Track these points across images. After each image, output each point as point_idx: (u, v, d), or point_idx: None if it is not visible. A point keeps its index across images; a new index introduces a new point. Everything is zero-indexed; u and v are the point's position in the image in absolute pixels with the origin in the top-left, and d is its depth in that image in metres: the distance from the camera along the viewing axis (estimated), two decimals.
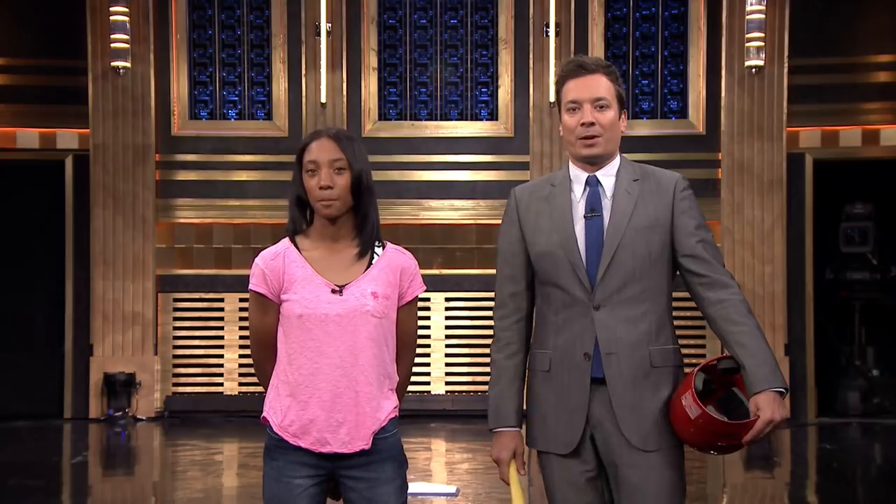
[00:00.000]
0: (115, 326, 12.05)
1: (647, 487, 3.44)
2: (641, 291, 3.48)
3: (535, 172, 12.05)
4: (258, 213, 12.24)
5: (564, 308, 3.52)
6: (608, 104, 3.53)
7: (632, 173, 3.58)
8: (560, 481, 3.57)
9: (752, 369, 3.36)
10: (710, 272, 3.49)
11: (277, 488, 3.54)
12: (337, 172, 3.47)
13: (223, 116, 12.47)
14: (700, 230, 3.53)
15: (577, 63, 3.61)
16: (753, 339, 3.40)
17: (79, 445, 11.14)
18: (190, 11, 12.39)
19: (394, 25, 12.47)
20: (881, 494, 9.00)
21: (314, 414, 3.47)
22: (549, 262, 3.54)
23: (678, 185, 3.56)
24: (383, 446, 3.53)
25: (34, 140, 12.15)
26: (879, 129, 12.03)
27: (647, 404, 3.46)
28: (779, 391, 3.35)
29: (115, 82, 11.98)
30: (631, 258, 3.47)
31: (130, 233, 12.04)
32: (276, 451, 3.56)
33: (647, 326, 3.48)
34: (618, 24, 12.37)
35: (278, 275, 3.53)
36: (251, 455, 10.60)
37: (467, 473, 9.19)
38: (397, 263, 3.59)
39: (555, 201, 3.58)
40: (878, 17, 12.11)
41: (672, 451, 3.48)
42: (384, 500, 3.53)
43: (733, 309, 3.44)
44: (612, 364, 3.45)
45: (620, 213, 3.51)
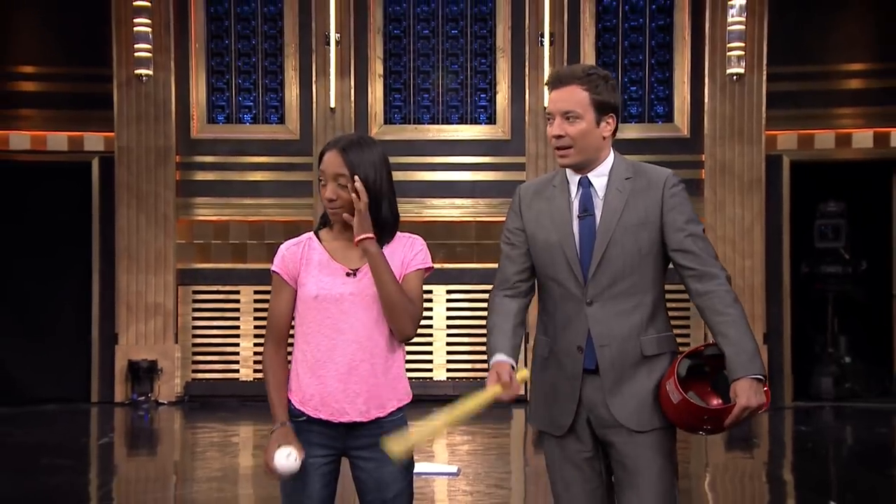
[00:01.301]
0: (139, 317, 12.07)
1: (642, 466, 3.43)
2: (632, 286, 3.45)
3: (530, 173, 12.06)
4: (271, 211, 12.26)
5: (561, 301, 3.50)
6: (578, 115, 3.46)
7: (624, 171, 3.53)
8: (559, 460, 3.57)
9: (732, 357, 3.34)
10: (699, 265, 3.44)
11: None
12: (340, 187, 3.48)
13: (239, 120, 12.47)
14: (689, 224, 3.47)
15: (554, 75, 3.58)
16: (734, 329, 3.37)
17: (105, 427, 11.16)
18: (208, 22, 12.40)
19: (398, 35, 12.48)
20: (852, 472, 9.02)
21: (332, 386, 3.46)
22: (547, 258, 3.52)
23: (668, 182, 3.50)
24: (391, 428, 3.51)
25: (63, 143, 12.16)
26: (851, 132, 12.05)
27: (638, 389, 3.44)
28: (757, 378, 3.32)
29: (138, 89, 12.00)
30: (621, 255, 3.44)
31: (153, 229, 12.06)
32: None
33: (638, 319, 3.45)
34: (608, 35, 12.37)
35: (296, 260, 3.55)
36: (266, 437, 10.59)
37: (467, 454, 9.19)
38: (405, 243, 3.61)
39: (554, 201, 3.55)
40: (850, 28, 12.13)
41: (664, 432, 3.46)
42: (392, 478, 3.52)
43: (718, 299, 3.41)
44: (605, 356, 3.43)
45: (611, 212, 3.47)
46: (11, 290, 12.12)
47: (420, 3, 12.47)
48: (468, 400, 3.40)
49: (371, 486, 3.53)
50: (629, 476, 3.45)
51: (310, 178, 12.10)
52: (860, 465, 9.34)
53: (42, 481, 8.15)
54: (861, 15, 12.11)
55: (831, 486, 8.59)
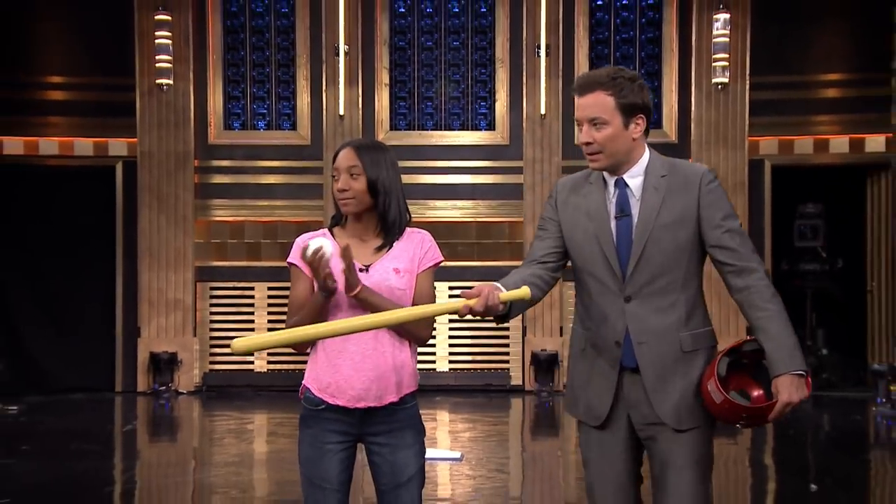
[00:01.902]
0: (160, 311, 12.10)
1: (679, 462, 3.33)
2: (670, 282, 3.34)
3: (527, 177, 12.10)
4: (284, 212, 12.28)
5: (598, 296, 3.39)
6: (605, 121, 3.32)
7: (660, 169, 3.39)
8: (594, 451, 3.48)
9: (772, 353, 3.24)
10: (737, 260, 3.31)
11: (312, 452, 3.54)
12: (353, 178, 3.50)
13: (253, 127, 12.49)
14: (727, 220, 3.34)
15: (579, 82, 3.42)
16: (774, 324, 3.26)
17: (128, 415, 11.17)
18: (225, 35, 12.43)
19: (403, 47, 12.50)
20: (830, 457, 9.04)
21: (348, 374, 3.46)
22: (585, 253, 3.40)
23: (704, 179, 3.36)
24: (404, 416, 3.54)
25: (89, 148, 12.18)
26: (829, 138, 12.08)
27: (678, 387, 3.33)
28: (797, 373, 3.22)
29: (159, 97, 12.03)
30: (659, 253, 3.32)
31: (172, 229, 12.09)
32: (310, 419, 3.56)
33: (676, 315, 3.34)
34: (600, 46, 12.39)
35: None
36: (279, 424, 10.67)
37: (469, 441, 9.23)
38: (416, 240, 3.60)
39: (590, 197, 3.43)
40: (828, 40, 12.15)
41: (703, 429, 3.37)
42: (405, 462, 3.53)
43: (757, 295, 3.29)
44: (643, 353, 3.32)
45: (648, 211, 3.34)
46: (41, 287, 12.14)
47: (424, 17, 12.50)
48: (431, 305, 3.36)
49: (386, 470, 3.53)
50: (666, 473, 3.36)
51: (320, 181, 12.14)
52: (837, 450, 9.37)
53: (71, 465, 8.17)
54: (838, 29, 12.13)
55: (810, 470, 8.61)
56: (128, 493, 7.63)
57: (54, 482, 7.56)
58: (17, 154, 12.08)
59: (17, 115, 12.01)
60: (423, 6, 12.51)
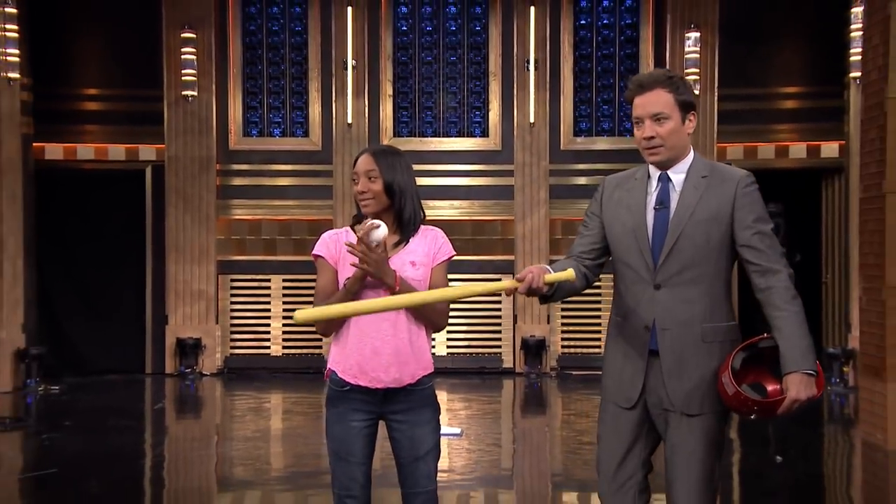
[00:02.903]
0: (185, 301, 12.15)
1: (686, 446, 3.27)
2: (698, 275, 3.26)
3: (518, 179, 12.16)
4: (297, 211, 12.32)
5: (632, 284, 3.33)
6: (666, 116, 3.28)
7: (701, 170, 3.32)
8: (608, 430, 3.42)
9: (785, 352, 3.17)
10: (763, 261, 3.24)
11: (339, 429, 3.53)
12: (371, 180, 3.53)
13: (269, 134, 12.51)
14: (758, 223, 3.26)
15: (636, 83, 3.37)
16: (789, 325, 3.19)
17: (158, 395, 11.22)
18: (244, 51, 12.46)
19: (405, 62, 12.53)
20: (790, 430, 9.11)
21: (369, 358, 3.46)
22: (622, 244, 3.35)
23: (741, 183, 3.27)
24: (422, 395, 3.55)
25: (121, 153, 12.19)
26: (788, 145, 12.13)
27: (693, 374, 3.25)
28: (807, 373, 3.15)
29: (184, 107, 12.06)
30: (690, 246, 3.24)
31: (196, 227, 12.13)
32: (336, 399, 3.55)
33: (701, 306, 3.26)
34: (584, 61, 12.43)
35: (337, 245, 3.56)
36: (294, 403, 10.72)
37: (468, 418, 9.28)
38: (430, 236, 3.61)
39: (633, 192, 3.37)
40: (788, 57, 12.18)
41: (713, 415, 3.28)
42: (423, 437, 3.54)
43: (777, 295, 3.22)
44: (665, 338, 3.26)
45: (685, 206, 3.27)
46: (79, 278, 12.17)
47: (424, 35, 12.54)
48: (483, 285, 3.28)
49: (405, 445, 3.54)
50: (675, 457, 3.30)
51: (330, 183, 12.20)
52: (796, 424, 9.43)
53: (108, 439, 8.24)
54: (797, 47, 12.17)
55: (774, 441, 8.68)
56: (158, 465, 7.70)
57: (94, 454, 7.64)
58: (56, 159, 12.10)
59: (57, 123, 12.02)
60: (424, 25, 12.55)
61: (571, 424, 9.44)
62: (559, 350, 12.22)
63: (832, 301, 12.33)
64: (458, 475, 6.82)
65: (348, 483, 3.52)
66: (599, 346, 12.11)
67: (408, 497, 3.58)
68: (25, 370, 11.20)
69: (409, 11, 12.52)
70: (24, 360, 11.18)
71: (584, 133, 12.40)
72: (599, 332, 12.07)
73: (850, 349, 11.07)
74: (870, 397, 8.10)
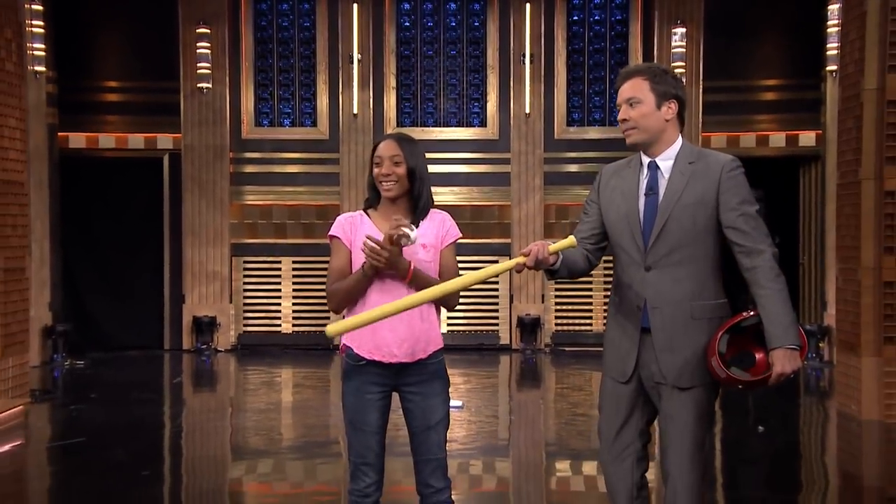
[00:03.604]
0: (201, 281, 12.14)
1: (679, 417, 3.26)
2: (687, 257, 3.24)
3: (514, 167, 12.15)
4: (305, 197, 12.30)
5: (626, 267, 3.34)
6: (639, 100, 3.29)
7: (688, 156, 3.31)
8: (608, 403, 3.44)
9: (769, 329, 3.17)
10: (748, 242, 3.22)
11: (355, 400, 3.51)
12: (395, 165, 3.48)
13: (280, 124, 12.48)
14: (743, 205, 3.24)
15: (621, 74, 3.40)
16: (772, 302, 3.17)
17: (176, 370, 11.22)
18: (256, 45, 12.42)
19: (408, 55, 12.49)
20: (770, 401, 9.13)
21: (384, 334, 3.44)
22: (617, 229, 3.36)
23: (726, 167, 3.26)
24: (433, 369, 3.55)
25: (140, 142, 12.17)
26: (769, 135, 12.12)
27: (684, 350, 3.25)
28: (791, 347, 3.15)
29: (200, 99, 12.04)
30: (678, 229, 3.23)
31: (211, 212, 12.11)
32: (352, 373, 3.53)
33: (690, 286, 3.25)
34: (576, 55, 12.39)
35: (353, 227, 3.53)
36: (304, 378, 10.73)
37: (467, 392, 9.28)
38: (438, 220, 3.59)
39: (626, 180, 3.38)
40: (769, 51, 12.15)
41: (703, 388, 3.28)
42: (434, 408, 3.55)
43: (762, 275, 3.19)
44: (656, 316, 3.26)
45: (673, 191, 3.26)
46: (101, 260, 12.15)
47: (425, 30, 12.50)
48: (493, 266, 3.27)
49: (417, 415, 3.55)
50: (668, 427, 3.30)
51: (336, 171, 12.18)
52: (776, 395, 9.46)
53: (131, 411, 8.26)
54: (777, 41, 12.15)
55: (755, 412, 8.72)
56: (176, 434, 7.73)
57: (118, 424, 7.67)
58: (79, 147, 12.07)
59: (80, 114, 12.00)
60: (425, 21, 12.50)
61: (565, 397, 9.45)
62: (553, 327, 12.23)
63: (808, 281, 12.34)
64: (460, 445, 6.85)
65: (364, 451, 3.52)
66: (591, 324, 12.17)
67: (420, 464, 3.58)
68: (52, 346, 11.22)
69: (411, 8, 12.47)
70: (51, 336, 11.20)
71: (577, 123, 12.37)
72: (591, 310, 12.08)
73: (825, 326, 11.09)
74: (845, 371, 8.13)
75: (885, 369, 7.64)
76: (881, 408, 7.64)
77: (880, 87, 7.65)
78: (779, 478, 6.29)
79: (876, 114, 7.65)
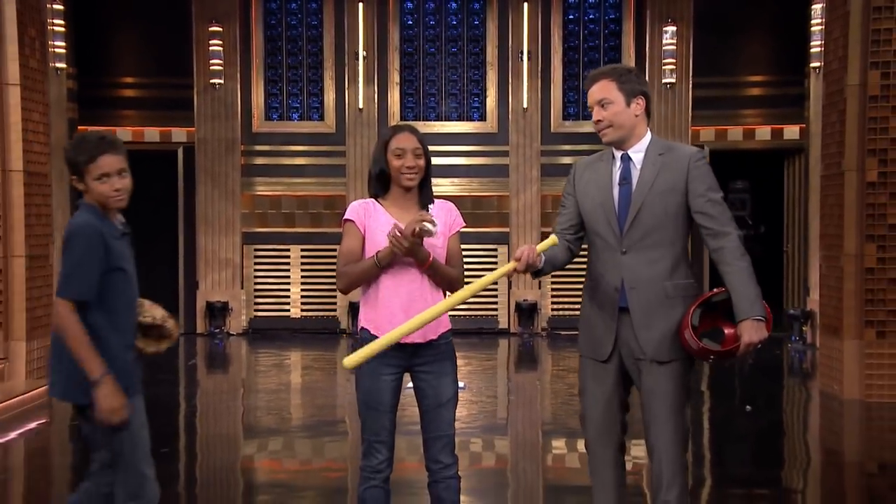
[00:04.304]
0: (214, 268, 12.15)
1: (659, 388, 3.33)
2: (659, 240, 3.32)
3: (512, 159, 12.14)
4: (313, 188, 12.29)
5: (602, 251, 3.40)
6: (610, 101, 3.37)
7: (658, 149, 3.40)
8: (590, 380, 3.48)
9: (736, 303, 3.26)
10: (715, 225, 3.31)
11: (369, 380, 3.50)
12: (417, 157, 3.51)
13: (289, 118, 12.47)
14: (709, 192, 3.34)
15: (588, 78, 3.46)
16: (738, 279, 3.27)
17: (190, 352, 11.20)
18: (265, 43, 12.40)
19: (411, 53, 12.47)
20: (756, 382, 9.15)
21: (398, 315, 3.44)
22: (592, 217, 3.42)
23: (692, 158, 3.37)
24: (444, 349, 3.55)
25: (156, 136, 12.17)
26: (755, 128, 12.11)
27: (660, 326, 3.32)
28: (757, 319, 3.24)
29: (212, 94, 12.02)
30: (651, 216, 3.32)
31: (223, 202, 12.11)
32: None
33: (663, 267, 3.33)
34: (572, 52, 12.37)
35: (367, 212, 3.53)
36: (313, 360, 10.75)
37: (469, 374, 9.28)
38: (445, 209, 3.61)
39: (600, 172, 3.45)
40: (755, 48, 12.14)
41: (681, 361, 3.34)
42: (445, 387, 3.54)
43: (729, 254, 3.29)
44: (633, 296, 3.32)
45: (645, 181, 3.35)
46: None
47: (428, 28, 12.47)
48: (488, 276, 3.32)
49: (429, 394, 3.54)
50: (651, 400, 3.35)
51: (343, 163, 12.17)
52: (761, 377, 9.48)
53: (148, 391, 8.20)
54: (763, 39, 12.14)
55: (741, 393, 8.74)
56: (192, 413, 7.77)
57: None
58: None
59: (99, 109, 11.99)
60: (427, 19, 12.48)
61: (561, 379, 9.46)
62: (549, 312, 12.24)
63: (792, 268, 12.36)
64: (461, 424, 6.80)
65: (378, 429, 3.51)
66: None
67: (429, 441, 3.57)
68: None
69: (414, 7, 12.44)
70: None
71: (572, 117, 12.36)
72: None
73: (808, 311, 11.10)
74: (828, 353, 8.14)
75: (866, 351, 7.67)
76: (862, 387, 7.67)
77: (862, 82, 7.65)
78: (764, 455, 6.30)
79: (858, 108, 7.66)
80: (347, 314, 11.99)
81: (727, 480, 5.65)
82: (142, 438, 3.35)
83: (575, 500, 5.14)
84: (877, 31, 7.59)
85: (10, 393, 7.44)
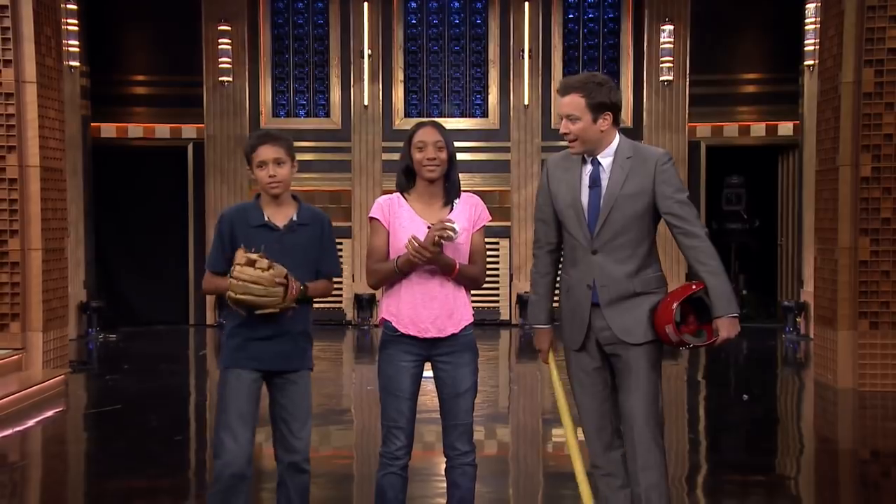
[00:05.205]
0: None
1: (634, 368, 3.40)
2: (628, 240, 3.38)
3: (514, 154, 12.14)
4: (319, 183, 12.25)
5: (574, 250, 3.46)
6: (577, 117, 3.38)
7: (626, 151, 3.42)
8: (575, 368, 3.55)
9: (714, 301, 3.34)
10: (685, 225, 3.37)
11: (390, 368, 3.52)
12: (439, 150, 3.50)
13: (295, 115, 12.46)
14: (677, 193, 3.39)
15: (560, 86, 3.48)
16: (713, 277, 3.35)
17: (200, 343, 11.24)
18: (273, 42, 12.39)
19: (415, 51, 12.46)
20: (751, 372, 9.18)
21: (419, 310, 3.47)
22: (565, 216, 3.46)
23: (660, 160, 3.40)
24: (464, 341, 3.54)
25: (166, 132, 12.17)
26: (750, 125, 12.10)
27: (631, 315, 3.39)
28: (732, 316, 3.33)
29: (221, 91, 12.02)
30: (621, 218, 3.37)
31: (232, 196, 12.05)
32: (389, 343, 3.54)
33: (631, 265, 3.39)
34: (572, 51, 12.35)
35: (391, 208, 3.54)
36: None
37: None
38: (470, 203, 3.60)
39: (570, 171, 3.48)
40: (750, 47, 12.14)
41: (653, 344, 3.42)
42: (464, 377, 3.54)
43: (701, 252, 3.36)
44: (604, 293, 3.39)
45: (614, 184, 3.39)
46: (130, 241, 12.14)
47: (431, 27, 12.46)
48: (566, 416, 3.62)
49: (448, 383, 3.54)
50: (626, 376, 3.43)
51: (348, 158, 12.18)
52: (757, 367, 9.51)
53: (160, 380, 8.33)
54: (758, 38, 12.13)
55: (737, 382, 8.76)
56: (201, 402, 7.79)
57: (149, 393, 7.73)
58: (110, 137, 12.07)
59: (111, 106, 11.99)
60: (431, 18, 12.46)
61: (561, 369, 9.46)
62: None
63: (786, 261, 12.37)
64: None
65: (396, 416, 3.52)
66: None
67: (448, 428, 3.57)
68: (87, 321, 11.25)
69: (417, 6, 12.43)
70: (86, 311, 11.24)
71: None
72: None
73: (802, 302, 11.11)
74: (822, 343, 8.16)
75: (860, 342, 7.69)
76: (855, 377, 7.69)
77: (857, 80, 7.65)
78: (760, 442, 6.32)
79: (853, 105, 7.67)
80: (353, 306, 12.00)
81: (723, 467, 5.68)
82: (230, 406, 3.56)
83: (574, 486, 5.14)
84: (871, 30, 7.60)
85: (27, 382, 7.46)
